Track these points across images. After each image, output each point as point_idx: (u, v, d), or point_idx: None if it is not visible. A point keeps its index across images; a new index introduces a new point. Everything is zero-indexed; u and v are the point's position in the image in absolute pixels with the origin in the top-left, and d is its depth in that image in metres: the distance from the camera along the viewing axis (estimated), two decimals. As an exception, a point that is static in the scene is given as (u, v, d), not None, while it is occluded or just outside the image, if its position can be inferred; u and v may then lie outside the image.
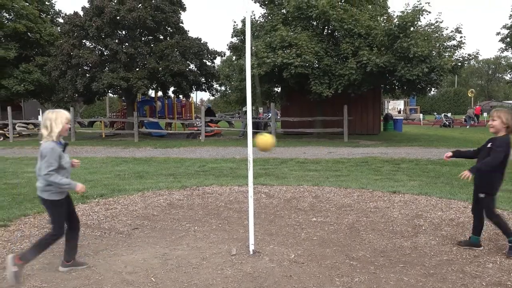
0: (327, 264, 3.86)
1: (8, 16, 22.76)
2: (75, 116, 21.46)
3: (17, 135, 21.64)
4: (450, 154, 4.40)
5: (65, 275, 3.64)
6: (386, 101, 40.64)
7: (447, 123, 29.16)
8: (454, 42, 16.41)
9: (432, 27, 16.17)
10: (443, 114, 34.11)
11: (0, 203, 6.32)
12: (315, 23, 17.88)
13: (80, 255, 4.14)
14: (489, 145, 4.05)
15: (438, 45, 15.64)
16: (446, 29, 16.29)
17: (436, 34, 15.97)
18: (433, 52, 15.10)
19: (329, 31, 17.94)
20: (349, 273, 3.66)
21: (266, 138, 4.09)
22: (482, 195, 4.07)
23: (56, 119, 3.57)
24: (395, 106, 43.57)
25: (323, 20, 17.08)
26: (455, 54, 16.40)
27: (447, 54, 15.95)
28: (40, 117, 42.91)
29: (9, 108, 20.46)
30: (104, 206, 6.12)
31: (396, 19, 15.45)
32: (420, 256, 4.05)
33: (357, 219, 5.35)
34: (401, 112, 41.90)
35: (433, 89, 19.00)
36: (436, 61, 14.90)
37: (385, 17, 17.18)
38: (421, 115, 38.89)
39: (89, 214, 5.70)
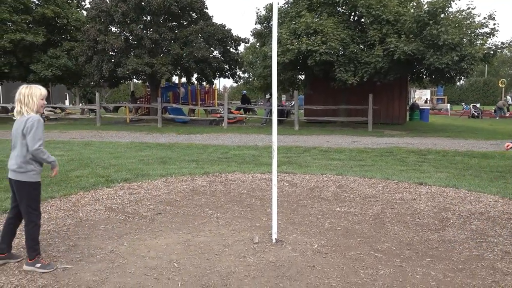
0: (351, 255, 3.78)
1: (36, 2, 23.12)
2: (100, 101, 21.78)
3: (45, 119, 22.14)
4: (510, 144, 4.16)
5: (90, 258, 3.68)
6: (412, 90, 39.72)
7: (475, 113, 28.33)
8: (486, 30, 15.77)
9: (464, 13, 15.60)
10: (471, 104, 33.12)
11: (28, 185, 6.46)
12: (341, 9, 17.51)
13: (104, 238, 4.19)
14: None
15: (469, 32, 15.10)
16: (478, 16, 15.68)
17: (468, 21, 15.40)
18: (464, 39, 14.60)
19: (356, 18, 17.55)
20: (374, 265, 3.58)
21: None
22: None
23: (31, 95, 3.39)
24: (421, 96, 42.58)
25: (350, 6, 16.71)
26: (487, 42, 15.79)
27: (479, 42, 15.36)
28: (67, 101, 43.88)
29: (37, 93, 20.89)
30: (128, 191, 6.18)
31: (426, 5, 14.96)
32: (448, 250, 3.93)
33: (382, 210, 5.24)
34: (428, 101, 40.90)
35: (462, 78, 18.40)
36: (467, 49, 14.39)
37: (414, 3, 16.65)
38: (448, 105, 37.86)
39: (114, 198, 5.76)
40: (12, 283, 3.19)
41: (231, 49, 22.20)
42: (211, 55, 20.39)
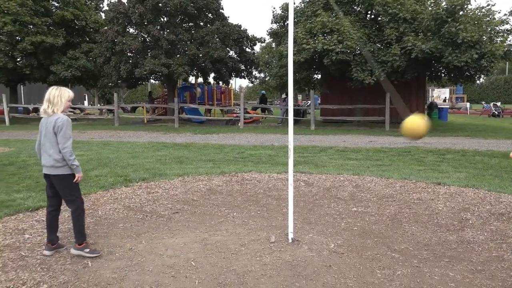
0: (367, 256, 3.77)
1: (56, 4, 23.58)
2: (118, 102, 22.08)
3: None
4: None
5: (109, 256, 3.76)
6: (430, 89, 39.14)
7: (496, 112, 27.75)
8: (507, 27, 15.47)
9: (483, 10, 15.30)
10: (492, 103, 32.45)
11: (49, 184, 6.60)
12: (358, 8, 17.39)
13: (123, 236, 4.27)
14: None
15: (489, 29, 14.83)
16: (499, 13, 15.47)
17: (488, 18, 15.11)
18: (484, 37, 14.35)
19: (373, 16, 17.40)
20: (391, 265, 3.56)
21: (415, 122, 3.48)
22: None
23: (60, 96, 3.63)
24: (440, 94, 41.92)
25: (366, 5, 16.58)
26: (508, 39, 15.48)
27: (499, 39, 15.08)
28: (86, 102, 44.59)
29: (57, 93, 21.32)
30: (146, 190, 6.26)
31: (444, 3, 14.74)
32: (467, 251, 3.88)
33: (399, 210, 5.20)
34: (446, 100, 40.25)
35: (482, 76, 18.07)
36: (487, 46, 14.13)
37: (432, 1, 16.43)
38: (468, 104, 37.19)
39: (132, 197, 5.85)
40: (34, 279, 3.27)
41: (247, 49, 22.26)
42: (227, 55, 20.48)
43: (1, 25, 19.88)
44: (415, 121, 3.53)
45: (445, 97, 41.51)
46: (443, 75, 18.27)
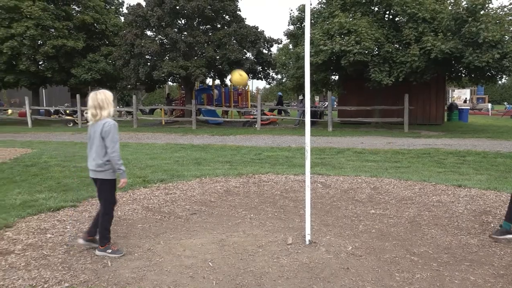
0: (386, 258, 3.73)
1: (76, 8, 24.06)
2: (137, 104, 22.36)
3: (85, 121, 22.92)
4: None
5: (128, 256, 3.81)
6: (450, 90, 38.48)
7: (519, 113, 27.14)
8: (530, 26, 15.12)
9: (505, 9, 14.99)
10: (514, 103, 31.70)
11: (70, 184, 6.74)
12: (376, 8, 17.23)
13: (141, 237, 4.32)
14: None
15: (511, 29, 14.50)
16: (522, 11, 15.05)
17: (510, 17, 14.80)
18: (506, 36, 14.04)
19: (391, 16, 17.22)
20: (410, 268, 3.51)
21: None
22: None
23: (107, 100, 3.69)
24: (460, 95, 41.18)
25: (384, 5, 16.42)
26: (532, 39, 15.12)
27: (522, 38, 14.74)
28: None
29: (77, 96, 21.73)
30: (164, 191, 6.33)
31: (464, 2, 14.49)
32: (489, 255, 3.80)
33: (418, 213, 5.13)
34: (467, 101, 39.52)
35: (504, 76, 17.68)
36: (509, 46, 13.84)
37: (452, 0, 16.17)
38: (489, 104, 36.44)
39: (150, 198, 5.92)
40: (56, 278, 3.34)
41: (264, 51, 22.28)
42: (244, 57, 20.54)
43: (24, 29, 20.38)
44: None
45: (466, 98, 40.76)
46: (463, 75, 17.94)
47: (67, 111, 23.73)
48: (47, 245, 4.07)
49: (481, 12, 14.29)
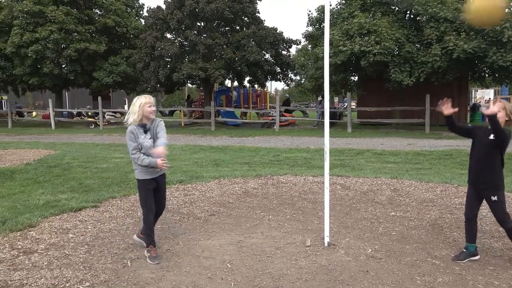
0: (406, 261, 3.67)
1: (99, 12, 24.51)
2: (157, 106, 22.62)
3: (106, 123, 23.33)
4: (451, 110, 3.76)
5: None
6: (473, 90, 37.67)
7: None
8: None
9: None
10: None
11: (91, 185, 6.86)
12: (396, 8, 17.01)
13: (160, 237, 4.36)
14: (491, 137, 3.55)
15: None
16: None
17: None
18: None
19: (412, 16, 16.97)
20: (431, 272, 3.44)
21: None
22: (495, 198, 3.52)
23: (134, 104, 3.83)
24: (483, 95, 40.25)
25: (405, 4, 16.18)
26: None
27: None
28: (126, 106, 46.00)
29: (99, 98, 22.11)
30: (183, 192, 6.37)
31: (488, 0, 14.16)
32: (513, 259, 3.70)
33: (440, 216, 5.03)
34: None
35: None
36: (535, 45, 13.48)
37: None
38: (514, 105, 35.45)
39: (169, 199, 5.96)
40: (77, 277, 3.40)
41: (283, 52, 22.25)
42: (263, 59, 20.55)
43: (48, 33, 20.86)
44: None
45: (489, 98, 39.81)
46: (487, 75, 17.56)
47: (89, 113, 24.17)
48: (69, 245, 4.14)
49: (506, 10, 13.94)
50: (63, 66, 23.08)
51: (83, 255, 3.87)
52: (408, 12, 16.90)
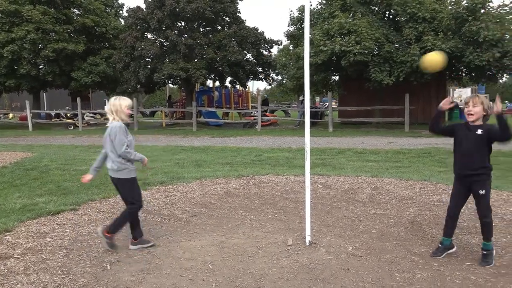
0: (386, 259, 3.71)
1: (77, 12, 24.10)
2: (138, 106, 22.38)
3: (86, 124, 22.99)
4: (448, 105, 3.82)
5: (128, 259, 3.80)
6: (451, 89, 38.42)
7: (520, 112, 27.08)
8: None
9: (506, 8, 14.98)
10: (515, 102, 31.64)
11: (70, 188, 6.74)
12: (376, 8, 17.23)
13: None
14: (479, 132, 3.64)
15: (512, 27, 14.50)
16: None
17: (511, 16, 14.78)
18: (506, 35, 14.02)
19: (391, 16, 17.21)
20: (411, 268, 3.49)
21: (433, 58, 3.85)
22: (483, 192, 3.64)
23: (120, 104, 3.87)
24: (461, 94, 41.10)
25: (384, 5, 16.42)
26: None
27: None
28: (106, 107, 45.52)
29: (78, 99, 21.76)
30: (164, 193, 6.32)
31: (465, 1, 14.48)
32: (490, 255, 3.77)
33: (419, 213, 5.11)
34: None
35: (505, 75, 17.66)
36: (510, 45, 13.83)
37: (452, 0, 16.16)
38: (490, 103, 36.33)
39: (150, 200, 5.91)
40: (55, 282, 3.33)
41: (264, 52, 22.30)
42: (244, 58, 20.55)
43: (24, 33, 20.42)
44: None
45: (460, 100, 40.65)
46: (464, 74, 17.93)
47: (68, 115, 23.76)
48: (46, 249, 4.06)
49: (482, 11, 14.28)
50: (41, 66, 22.64)
51: (61, 259, 3.80)
52: (388, 12, 17.13)
